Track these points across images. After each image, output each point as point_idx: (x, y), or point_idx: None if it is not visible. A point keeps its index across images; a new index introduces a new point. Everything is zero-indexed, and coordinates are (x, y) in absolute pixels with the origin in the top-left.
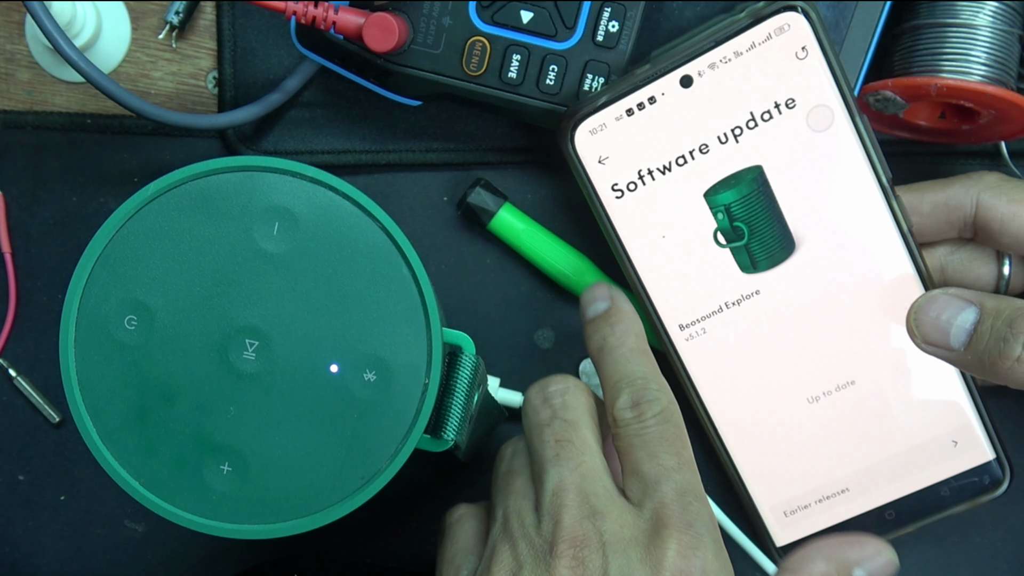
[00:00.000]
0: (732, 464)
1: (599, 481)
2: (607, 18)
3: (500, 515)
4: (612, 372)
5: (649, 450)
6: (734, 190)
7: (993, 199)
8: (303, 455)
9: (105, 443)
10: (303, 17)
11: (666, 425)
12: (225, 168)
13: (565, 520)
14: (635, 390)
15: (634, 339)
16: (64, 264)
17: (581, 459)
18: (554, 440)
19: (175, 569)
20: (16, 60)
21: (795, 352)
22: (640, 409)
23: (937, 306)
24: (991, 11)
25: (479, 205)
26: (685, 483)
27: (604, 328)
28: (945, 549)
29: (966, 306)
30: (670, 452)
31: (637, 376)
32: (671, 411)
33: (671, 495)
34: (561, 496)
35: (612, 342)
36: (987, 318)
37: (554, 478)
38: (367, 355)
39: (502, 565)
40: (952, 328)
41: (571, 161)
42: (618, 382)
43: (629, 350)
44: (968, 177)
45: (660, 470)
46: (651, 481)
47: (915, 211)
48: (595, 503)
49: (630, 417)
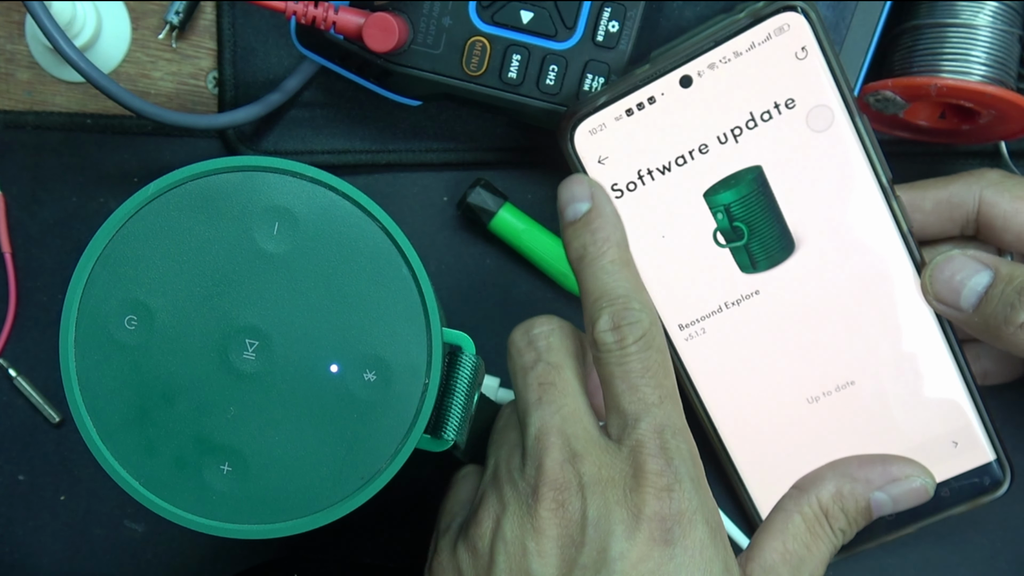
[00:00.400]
0: (732, 464)
1: (580, 423)
2: (607, 18)
3: (491, 464)
4: (592, 287)
5: (630, 382)
6: (734, 190)
7: (995, 196)
8: (303, 455)
9: (105, 443)
10: (303, 17)
11: (648, 352)
12: (225, 168)
13: (546, 463)
14: (616, 310)
15: (615, 249)
16: (64, 264)
17: (563, 401)
18: (537, 383)
19: (175, 569)
20: (16, 60)
21: (795, 352)
22: (621, 332)
23: (953, 266)
24: (991, 11)
25: (479, 205)
26: (664, 418)
27: (584, 234)
28: (945, 549)
29: (981, 268)
30: (651, 384)
31: (619, 293)
32: (653, 333)
33: (649, 433)
34: (543, 439)
35: (592, 252)
36: (1000, 282)
37: (536, 422)
38: (367, 355)
39: (488, 508)
40: (964, 289)
41: (571, 161)
42: (598, 299)
43: (610, 261)
44: (970, 174)
45: (640, 406)
46: (630, 418)
47: (917, 209)
48: (575, 445)
49: (611, 342)
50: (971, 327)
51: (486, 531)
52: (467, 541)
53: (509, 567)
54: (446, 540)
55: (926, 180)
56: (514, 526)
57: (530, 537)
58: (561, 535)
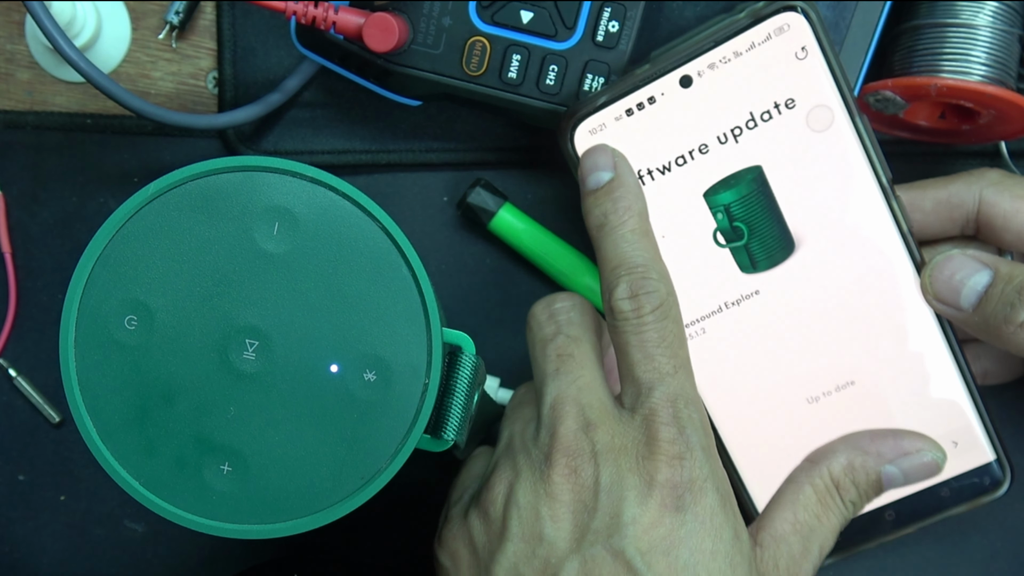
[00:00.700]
0: (732, 464)
1: (595, 394)
2: (607, 18)
3: (505, 436)
4: (612, 255)
5: (646, 351)
6: (734, 190)
7: (996, 195)
8: (303, 455)
9: (105, 443)
10: (303, 17)
11: (664, 322)
12: (225, 168)
13: (560, 431)
14: (634, 279)
15: (636, 218)
16: (64, 264)
17: (580, 372)
18: (556, 355)
19: (175, 569)
20: (16, 60)
21: (795, 352)
22: (639, 301)
23: (953, 265)
24: (991, 11)
25: (479, 205)
26: (678, 387)
27: (606, 203)
28: (945, 549)
29: (980, 268)
30: (667, 354)
31: (637, 263)
32: (670, 304)
33: (662, 401)
34: (558, 408)
35: (613, 220)
36: (999, 282)
37: (552, 391)
38: (367, 355)
39: (501, 475)
40: (964, 288)
41: (571, 161)
42: (616, 267)
43: (631, 231)
44: (970, 174)
45: (654, 376)
46: (644, 387)
47: (917, 208)
48: (590, 415)
49: (628, 310)
50: (971, 326)
51: (498, 496)
52: (479, 507)
53: (522, 532)
54: (457, 509)
55: (926, 180)
56: (527, 492)
57: (543, 502)
58: (574, 500)
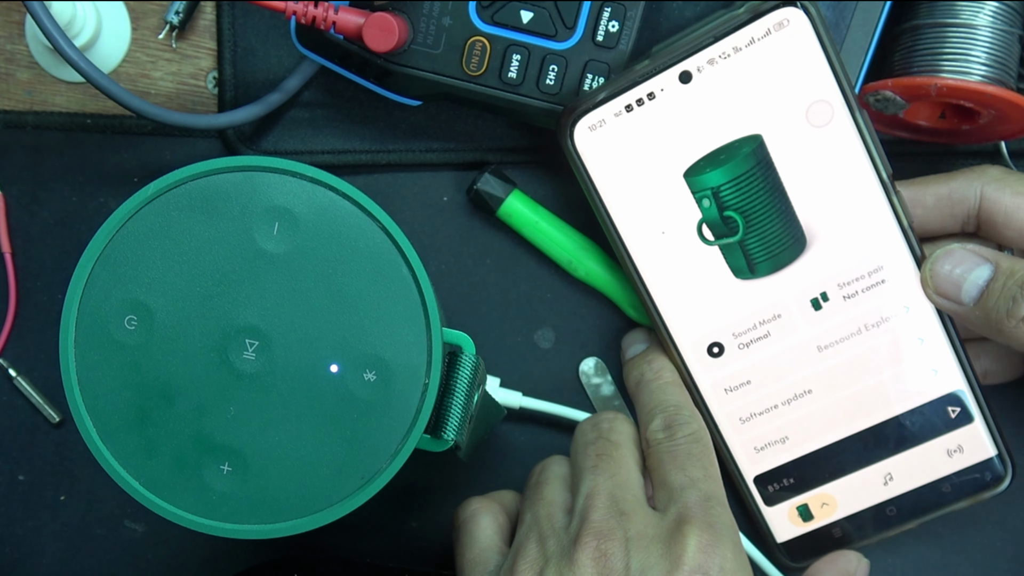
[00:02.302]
0: (730, 455)
1: (631, 490)
2: (607, 18)
3: (529, 518)
4: (647, 401)
5: (677, 463)
6: (724, 169)
7: (997, 192)
8: (303, 455)
9: (105, 443)
10: (303, 17)
11: (696, 445)
12: (225, 168)
13: (593, 517)
14: (668, 415)
15: (669, 373)
16: (64, 264)
17: (617, 470)
18: (595, 454)
19: (175, 569)
20: (16, 60)
21: (795, 349)
22: (672, 431)
23: (953, 259)
24: (991, 11)
25: (488, 191)
26: (710, 491)
27: (642, 364)
28: (945, 548)
29: (981, 262)
30: (697, 466)
31: (670, 404)
32: (701, 434)
33: (695, 500)
34: (592, 499)
35: (649, 376)
36: (1000, 276)
37: (589, 484)
38: (367, 355)
39: (528, 560)
40: (965, 283)
41: (570, 158)
42: (652, 409)
43: (665, 382)
44: (972, 170)
45: (686, 480)
46: (676, 489)
47: (919, 204)
48: (623, 506)
49: (662, 437)
50: (971, 321)
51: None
52: None
53: None
54: None
55: (927, 176)
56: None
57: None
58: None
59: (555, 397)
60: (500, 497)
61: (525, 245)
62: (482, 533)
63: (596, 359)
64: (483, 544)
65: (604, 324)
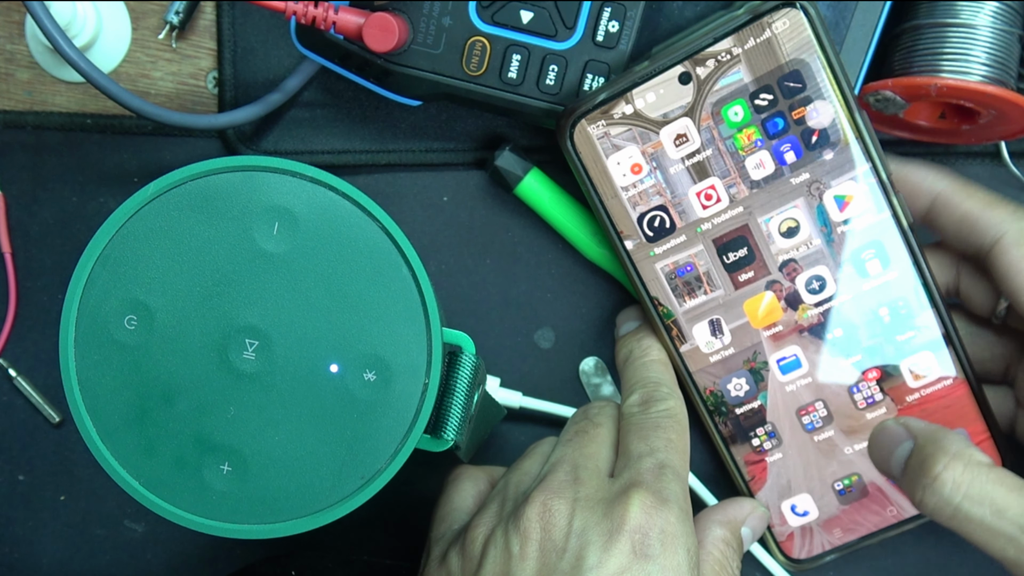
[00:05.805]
0: (723, 444)
1: (594, 460)
2: (607, 18)
3: (501, 484)
4: (631, 377)
5: (642, 434)
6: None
7: (1012, 244)
8: (303, 455)
9: (105, 443)
10: (303, 17)
11: (668, 420)
12: (225, 168)
13: (548, 480)
14: (647, 391)
15: (656, 351)
16: (64, 264)
17: (587, 443)
18: (574, 431)
19: (175, 569)
20: (16, 60)
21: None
22: (647, 405)
23: (882, 437)
24: (991, 11)
25: (507, 169)
26: (666, 460)
27: (631, 342)
28: (945, 549)
29: (905, 438)
30: (661, 437)
31: (651, 380)
32: (676, 410)
33: (648, 466)
34: (555, 465)
35: (637, 352)
36: (918, 451)
37: (557, 454)
38: (367, 355)
39: (485, 518)
40: (892, 458)
41: (570, 158)
42: (633, 385)
43: (650, 360)
44: (1010, 210)
45: (645, 449)
46: (634, 456)
47: (949, 208)
48: (580, 473)
49: (636, 411)
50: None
51: (479, 535)
52: (461, 545)
53: (494, 569)
54: (439, 547)
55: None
56: (505, 530)
57: (515, 540)
58: (544, 539)
59: (555, 397)
60: (490, 469)
61: (525, 244)
62: (458, 495)
63: (596, 359)
64: (455, 504)
65: (604, 324)
